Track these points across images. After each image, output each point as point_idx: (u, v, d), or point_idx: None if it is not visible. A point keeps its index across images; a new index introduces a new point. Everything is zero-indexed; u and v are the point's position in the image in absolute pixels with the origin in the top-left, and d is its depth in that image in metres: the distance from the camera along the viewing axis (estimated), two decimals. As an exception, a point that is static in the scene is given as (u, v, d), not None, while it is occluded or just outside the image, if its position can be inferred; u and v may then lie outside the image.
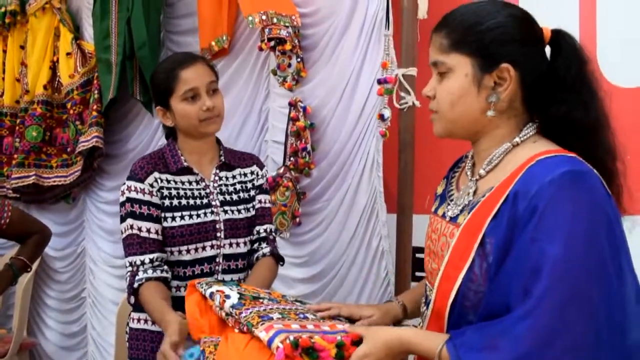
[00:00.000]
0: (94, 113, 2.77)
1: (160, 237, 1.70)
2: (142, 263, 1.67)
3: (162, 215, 1.71)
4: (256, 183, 1.88)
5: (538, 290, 0.98)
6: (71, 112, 2.89)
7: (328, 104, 2.27)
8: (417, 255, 2.19)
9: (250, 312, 1.28)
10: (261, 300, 1.37)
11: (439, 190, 1.36)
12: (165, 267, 1.70)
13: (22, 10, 3.04)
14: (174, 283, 1.72)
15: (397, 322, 1.47)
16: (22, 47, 3.06)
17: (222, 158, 1.83)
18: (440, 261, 1.16)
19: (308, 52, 2.32)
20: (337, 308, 1.42)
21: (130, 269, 1.68)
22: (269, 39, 2.25)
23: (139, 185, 1.71)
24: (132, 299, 1.68)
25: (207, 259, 1.74)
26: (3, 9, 3.06)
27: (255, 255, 1.84)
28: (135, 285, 1.65)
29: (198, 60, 1.75)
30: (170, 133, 1.84)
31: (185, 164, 1.76)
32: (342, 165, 2.24)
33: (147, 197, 1.70)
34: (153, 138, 2.78)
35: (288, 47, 2.25)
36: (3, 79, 3.10)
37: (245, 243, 1.81)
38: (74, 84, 2.88)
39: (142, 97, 2.66)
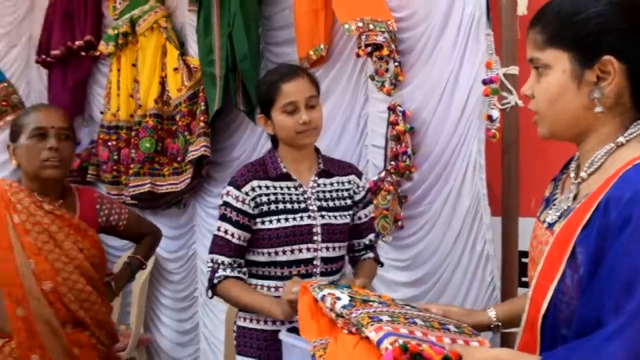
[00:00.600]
0: (201, 124, 2.87)
1: (244, 244, 1.80)
2: (222, 263, 1.79)
3: (260, 219, 1.78)
4: (356, 197, 1.92)
5: (630, 307, 0.91)
6: (180, 123, 3.01)
7: (427, 107, 2.23)
8: (523, 260, 2.11)
9: (361, 313, 1.29)
10: (371, 303, 1.37)
11: (547, 193, 1.29)
12: (244, 269, 1.81)
13: (132, 31, 3.20)
14: (271, 283, 1.80)
15: (486, 328, 1.43)
16: (134, 65, 3.23)
17: (321, 166, 1.88)
18: (536, 270, 1.10)
19: (405, 56, 2.30)
20: (431, 308, 1.42)
21: (211, 265, 1.80)
22: (366, 45, 2.24)
23: (235, 192, 1.80)
24: (210, 293, 1.80)
25: (304, 261, 1.79)
26: (116, 31, 3.24)
27: (362, 258, 1.95)
28: (215, 281, 1.78)
29: (300, 75, 1.80)
30: (274, 140, 1.90)
31: (284, 170, 1.83)
32: (444, 168, 2.20)
33: (239, 205, 1.78)
34: (257, 146, 2.84)
35: (385, 52, 2.23)
36: (118, 95, 3.28)
37: (341, 247, 1.87)
38: (182, 97, 3.00)
39: (245, 107, 2.73)
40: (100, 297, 2.04)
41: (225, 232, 1.79)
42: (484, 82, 2.01)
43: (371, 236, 1.96)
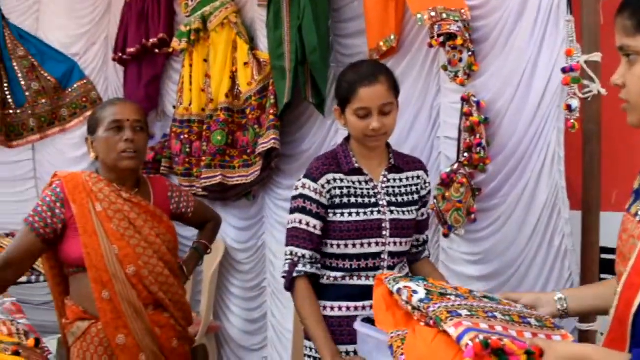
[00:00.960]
0: (271, 117, 2.88)
1: (321, 234, 1.81)
2: (303, 256, 1.80)
3: (332, 211, 1.81)
4: (422, 193, 1.93)
5: None
6: (250, 117, 3.04)
7: (503, 97, 2.15)
8: (603, 256, 2.01)
9: (439, 307, 1.27)
10: (448, 297, 1.35)
11: (635, 185, 1.21)
12: (319, 265, 1.83)
13: (204, 28, 3.25)
14: (339, 274, 1.83)
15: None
16: (205, 61, 3.27)
17: (392, 161, 1.90)
18: (626, 265, 1.05)
19: (479, 45, 2.22)
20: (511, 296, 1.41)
21: (291, 257, 1.81)
22: (439, 35, 2.18)
23: (312, 184, 1.82)
24: (287, 283, 1.81)
25: (372, 254, 1.82)
26: (188, 28, 3.30)
27: (421, 257, 2.02)
28: (295, 274, 1.79)
29: (379, 80, 1.78)
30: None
31: (356, 165, 1.85)
32: (520, 160, 2.11)
33: (317, 197, 1.81)
34: (326, 138, 2.84)
35: (459, 41, 2.16)
36: (191, 90, 3.33)
37: (407, 242, 1.90)
38: (252, 91, 3.03)
39: (314, 100, 2.72)
40: (177, 279, 2.10)
41: (308, 224, 1.81)
42: (564, 71, 1.92)
43: (427, 233, 2.04)
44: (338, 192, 1.82)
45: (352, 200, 1.82)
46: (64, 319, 2.07)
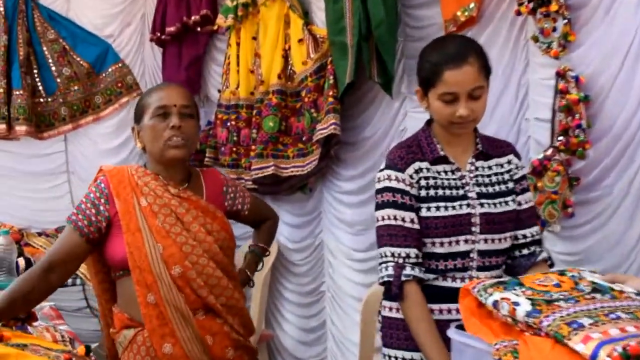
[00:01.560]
0: (330, 99, 2.87)
1: (419, 228, 1.80)
2: (408, 256, 1.78)
3: (417, 205, 1.80)
4: (515, 176, 1.88)
5: None
6: (306, 99, 3.03)
7: (606, 72, 2.10)
8: None
9: (554, 320, 1.25)
10: (557, 303, 1.33)
11: None
12: (423, 265, 1.81)
13: (252, 2, 3.25)
14: (425, 276, 1.81)
15: None
16: (254, 39, 3.27)
17: (480, 147, 1.88)
18: None
19: (577, 12, 2.17)
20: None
21: (392, 260, 1.79)
22: (529, 1, 2.16)
23: (399, 174, 1.82)
24: (396, 290, 1.77)
25: (460, 253, 1.81)
26: (235, 2, 3.30)
27: (536, 259, 1.88)
28: (403, 278, 1.76)
29: (469, 61, 1.75)
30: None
31: (441, 152, 1.84)
32: (627, 145, 2.07)
33: (407, 187, 1.81)
34: (393, 122, 2.82)
35: (553, 7, 2.12)
36: (238, 71, 3.33)
37: (502, 240, 1.84)
38: (308, 71, 3.01)
39: (380, 79, 2.70)
40: (232, 282, 2.09)
41: (403, 219, 1.79)
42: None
43: (536, 228, 1.90)
44: (424, 183, 1.81)
45: (440, 192, 1.81)
46: (111, 328, 2.10)
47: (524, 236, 1.88)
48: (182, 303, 1.96)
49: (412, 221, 1.80)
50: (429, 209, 1.80)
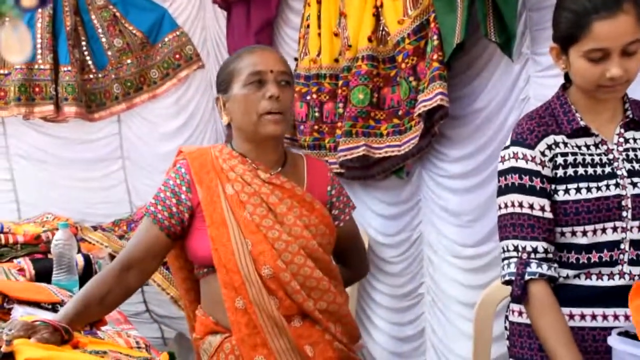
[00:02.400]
0: (435, 64, 2.78)
1: (552, 217, 1.78)
2: (534, 251, 1.76)
3: (553, 187, 1.79)
4: None
5: None
6: (403, 66, 2.96)
7: None
8: None
9: None
10: None
11: None
12: (555, 261, 1.79)
13: (335, -50, 3.21)
14: (563, 272, 1.80)
15: None
16: (339, -5, 3.23)
17: (629, 114, 1.84)
18: None
19: None
20: None
21: (515, 255, 1.78)
22: None
23: (528, 152, 1.79)
24: (518, 291, 1.76)
25: (606, 244, 1.77)
26: (314, -49, 3.29)
27: None
28: (527, 277, 1.74)
29: (624, 9, 1.68)
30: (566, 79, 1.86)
31: (581, 123, 1.81)
32: None
33: (538, 167, 1.79)
34: (512, 90, 2.71)
35: None
36: (319, 34, 3.30)
37: None
38: (404, 32, 2.95)
39: (498, 38, 2.59)
40: (332, 283, 2.06)
41: (531, 206, 1.77)
42: None
43: None
44: (561, 160, 1.78)
45: (581, 171, 1.77)
46: (194, 334, 2.11)
47: None
48: (274, 309, 1.95)
49: (542, 208, 1.77)
50: (567, 191, 1.77)
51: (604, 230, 1.76)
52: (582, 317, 1.79)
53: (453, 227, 3.03)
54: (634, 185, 1.77)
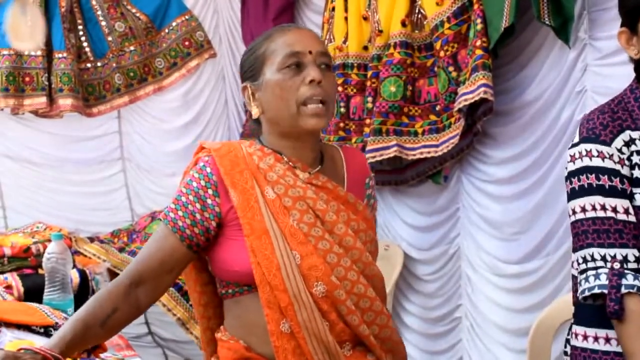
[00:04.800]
0: (478, 52, 2.78)
1: (636, 221, 1.75)
2: (625, 260, 1.73)
3: (630, 190, 1.77)
4: None
5: None
6: (441, 54, 2.96)
7: None
8: None
9: None
10: None
11: None
12: None
13: None
14: None
15: None
16: (369, -26, 3.23)
17: None
18: None
19: None
20: None
21: (602, 265, 1.75)
22: None
23: (604, 149, 1.77)
24: (616, 306, 1.71)
25: None
26: None
27: None
28: (623, 290, 1.70)
29: None
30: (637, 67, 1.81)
31: None
32: None
33: (616, 166, 1.77)
34: (566, 81, 2.69)
35: None
36: (346, 19, 3.29)
37: None
38: (443, 15, 2.95)
39: (553, 21, 2.57)
40: (383, 303, 2.00)
41: (614, 209, 1.75)
42: None
43: None
44: (638, 160, 1.77)
45: None
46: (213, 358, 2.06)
47: None
48: (327, 332, 1.88)
49: (626, 211, 1.75)
50: None
51: None
52: None
53: (496, 240, 3.01)
54: None
